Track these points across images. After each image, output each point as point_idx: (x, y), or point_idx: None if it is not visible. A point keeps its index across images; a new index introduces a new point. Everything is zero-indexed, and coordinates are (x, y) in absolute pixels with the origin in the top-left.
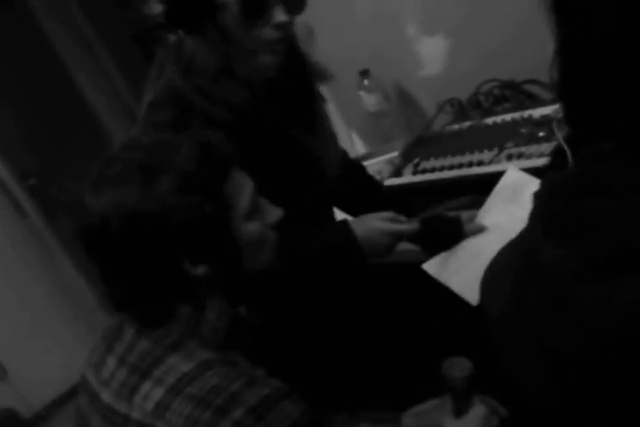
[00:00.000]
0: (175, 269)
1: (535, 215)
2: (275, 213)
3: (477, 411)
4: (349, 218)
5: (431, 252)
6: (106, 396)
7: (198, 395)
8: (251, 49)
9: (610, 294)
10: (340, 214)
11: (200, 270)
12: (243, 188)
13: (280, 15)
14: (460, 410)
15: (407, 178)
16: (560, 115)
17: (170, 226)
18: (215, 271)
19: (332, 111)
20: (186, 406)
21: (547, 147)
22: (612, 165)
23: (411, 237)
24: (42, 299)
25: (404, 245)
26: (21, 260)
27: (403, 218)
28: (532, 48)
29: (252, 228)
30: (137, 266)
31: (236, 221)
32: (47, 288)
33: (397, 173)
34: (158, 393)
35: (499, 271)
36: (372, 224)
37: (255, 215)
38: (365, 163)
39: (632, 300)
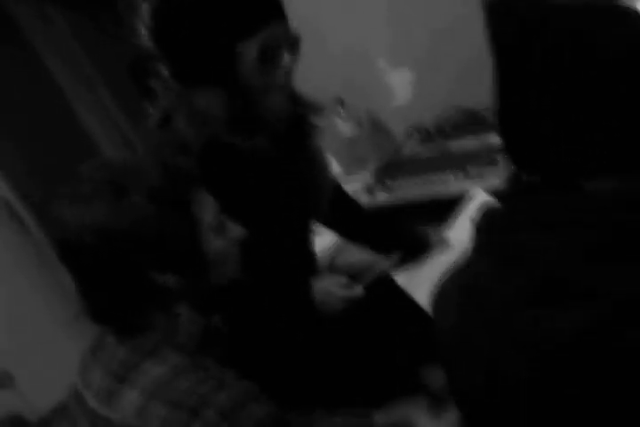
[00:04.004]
0: (145, 279)
1: (477, 247)
2: (237, 231)
3: (452, 415)
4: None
5: (401, 261)
6: (91, 401)
7: (172, 398)
8: (265, 93)
9: (540, 321)
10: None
11: (169, 279)
12: (207, 205)
13: (288, 60)
14: (435, 415)
15: (379, 197)
16: None
17: (140, 238)
18: (183, 280)
19: None
20: (161, 409)
21: (504, 169)
22: (539, 200)
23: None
24: (43, 307)
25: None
26: (22, 271)
27: (351, 284)
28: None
29: (218, 243)
30: (109, 276)
31: (203, 235)
32: (47, 296)
33: (370, 193)
34: (135, 397)
35: (446, 293)
36: (329, 289)
37: (220, 232)
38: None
39: (558, 327)
